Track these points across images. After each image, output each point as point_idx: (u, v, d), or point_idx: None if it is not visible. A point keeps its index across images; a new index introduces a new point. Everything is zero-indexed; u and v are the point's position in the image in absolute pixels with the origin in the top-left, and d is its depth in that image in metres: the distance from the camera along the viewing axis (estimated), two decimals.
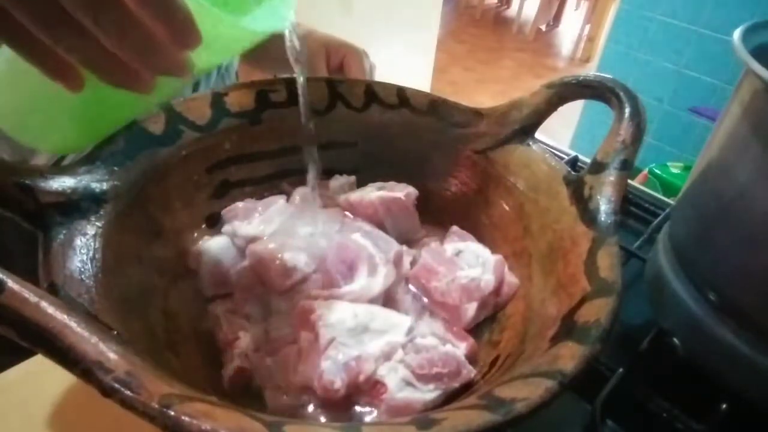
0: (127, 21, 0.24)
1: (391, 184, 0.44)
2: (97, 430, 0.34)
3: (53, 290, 0.26)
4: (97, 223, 0.31)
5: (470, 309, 0.37)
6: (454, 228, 0.44)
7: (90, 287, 0.28)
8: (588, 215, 0.34)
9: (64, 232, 0.29)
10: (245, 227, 0.41)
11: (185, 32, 0.25)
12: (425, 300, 0.39)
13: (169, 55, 0.26)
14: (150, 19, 0.24)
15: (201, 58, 0.29)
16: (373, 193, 0.43)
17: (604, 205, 0.34)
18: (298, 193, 0.45)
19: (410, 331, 0.34)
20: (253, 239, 0.40)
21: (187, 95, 0.42)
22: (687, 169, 1.37)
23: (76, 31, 0.24)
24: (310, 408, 0.31)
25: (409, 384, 0.31)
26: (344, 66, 0.57)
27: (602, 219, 0.33)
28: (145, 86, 0.28)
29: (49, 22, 0.24)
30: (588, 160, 0.47)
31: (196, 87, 0.57)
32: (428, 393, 0.31)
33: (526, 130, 0.43)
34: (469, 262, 0.39)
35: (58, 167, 0.32)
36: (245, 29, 0.33)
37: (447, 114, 0.46)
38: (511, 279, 0.39)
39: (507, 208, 0.42)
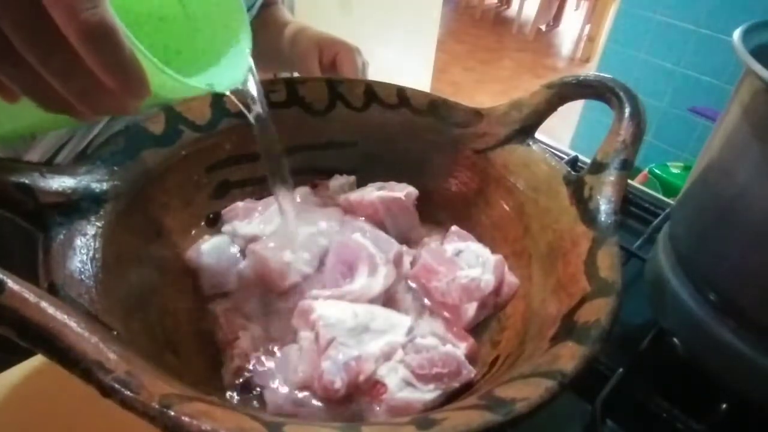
0: (75, 67, 0.23)
1: (391, 184, 0.44)
2: (97, 430, 0.34)
3: (53, 290, 0.26)
4: (97, 223, 0.31)
5: (470, 309, 0.37)
6: (454, 228, 0.44)
7: (90, 287, 0.28)
8: (588, 215, 0.34)
9: (64, 232, 0.29)
10: (245, 227, 0.41)
11: (134, 85, 0.24)
12: (425, 300, 0.39)
13: (114, 100, 0.25)
14: (99, 69, 0.23)
15: (155, 99, 0.28)
16: (373, 193, 0.43)
17: (604, 205, 0.34)
18: (298, 193, 0.45)
19: (410, 331, 0.34)
20: (253, 239, 0.40)
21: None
22: (687, 169, 1.37)
23: (21, 65, 0.23)
24: (310, 408, 0.31)
25: (409, 384, 0.31)
26: (337, 63, 0.57)
27: (602, 219, 0.33)
28: (84, 117, 0.27)
29: None
30: (588, 160, 0.47)
31: None
32: (428, 393, 0.31)
33: (526, 130, 0.43)
34: (469, 262, 0.39)
35: (57, 167, 0.32)
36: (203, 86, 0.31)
37: (447, 114, 0.46)
38: (511, 279, 0.39)
39: (507, 208, 0.42)
